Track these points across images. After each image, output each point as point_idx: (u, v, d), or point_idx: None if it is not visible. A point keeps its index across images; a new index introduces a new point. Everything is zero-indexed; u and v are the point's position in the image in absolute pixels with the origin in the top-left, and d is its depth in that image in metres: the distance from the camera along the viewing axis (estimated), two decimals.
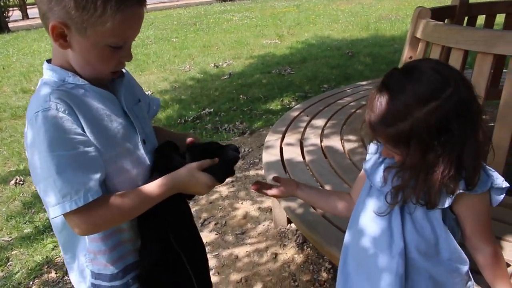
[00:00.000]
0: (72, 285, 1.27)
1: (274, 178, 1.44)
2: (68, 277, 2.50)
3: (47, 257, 2.70)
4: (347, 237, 1.24)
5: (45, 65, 1.10)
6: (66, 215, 1.01)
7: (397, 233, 1.07)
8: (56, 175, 0.97)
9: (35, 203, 3.36)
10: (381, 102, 1.00)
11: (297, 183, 1.40)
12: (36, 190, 3.52)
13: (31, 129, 0.99)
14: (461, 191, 0.99)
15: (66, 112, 1.00)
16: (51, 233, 2.95)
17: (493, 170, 1.05)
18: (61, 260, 2.66)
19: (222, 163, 1.20)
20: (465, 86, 0.98)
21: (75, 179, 0.98)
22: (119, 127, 1.11)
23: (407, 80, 0.99)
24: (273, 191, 1.37)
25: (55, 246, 2.81)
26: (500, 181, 1.03)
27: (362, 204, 1.18)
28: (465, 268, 1.10)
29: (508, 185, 1.03)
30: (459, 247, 1.08)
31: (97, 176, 1.02)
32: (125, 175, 1.12)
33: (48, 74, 1.08)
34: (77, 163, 0.99)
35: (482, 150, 1.01)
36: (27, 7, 19.85)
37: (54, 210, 0.99)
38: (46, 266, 2.63)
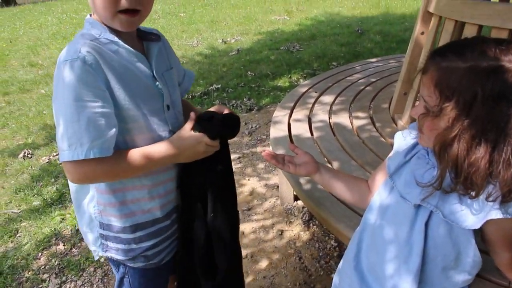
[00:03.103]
0: (81, 254, 1.29)
1: (292, 147, 1.31)
2: (75, 249, 2.53)
3: (55, 229, 2.73)
4: (361, 231, 1.16)
5: (87, 17, 1.14)
6: (63, 161, 1.06)
7: (416, 249, 0.99)
8: (70, 123, 1.02)
9: (43, 176, 3.38)
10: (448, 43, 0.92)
11: (317, 165, 1.26)
12: (44, 164, 3.55)
13: (57, 74, 1.04)
14: (499, 215, 0.87)
15: (93, 65, 1.03)
16: (59, 206, 2.97)
17: None
18: (69, 233, 2.69)
19: (214, 120, 1.21)
20: None
21: (84, 132, 1.02)
22: (144, 88, 1.14)
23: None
24: (289, 168, 1.25)
25: (62, 219, 2.83)
26: None
27: (381, 206, 1.09)
28: (479, 269, 1.03)
29: None
30: (479, 254, 0.99)
31: (109, 133, 1.05)
32: (146, 135, 1.16)
33: (87, 27, 1.12)
34: (91, 116, 1.02)
35: None
36: None
37: (60, 155, 1.06)
38: (54, 238, 2.66)
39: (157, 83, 1.17)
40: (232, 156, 3.42)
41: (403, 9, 8.78)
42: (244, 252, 2.40)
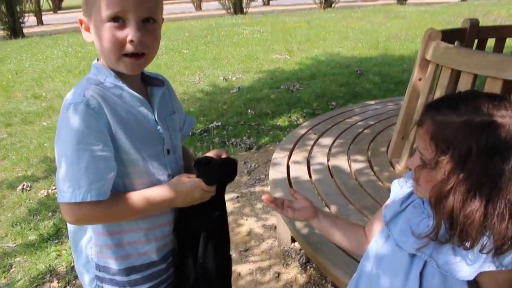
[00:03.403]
0: None
1: (291, 192, 1.34)
2: (70, 287, 2.50)
3: (50, 265, 2.71)
4: (358, 279, 1.16)
5: (94, 62, 1.18)
6: (61, 202, 1.08)
7: None
8: (70, 165, 1.05)
9: (40, 210, 3.38)
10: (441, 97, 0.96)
11: (315, 211, 1.28)
12: (42, 197, 3.55)
13: (62, 117, 1.07)
14: (492, 267, 0.88)
15: (96, 109, 1.06)
16: (55, 241, 2.96)
17: None
18: (64, 270, 2.67)
19: (212, 166, 1.22)
20: None
21: (83, 174, 1.05)
22: (145, 132, 1.18)
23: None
24: (288, 213, 1.26)
25: (58, 255, 2.81)
26: None
27: (377, 254, 1.09)
28: None
29: None
30: None
31: (107, 177, 1.08)
32: (145, 179, 1.18)
33: (93, 71, 1.16)
34: (91, 159, 1.05)
35: None
36: (42, 13, 20.14)
37: (58, 195, 1.08)
38: (49, 275, 2.63)
39: (159, 127, 1.20)
40: (231, 196, 3.43)
41: (401, 51, 8.95)
42: None
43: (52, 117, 5.72)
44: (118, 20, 1.05)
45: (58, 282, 2.56)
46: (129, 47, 1.07)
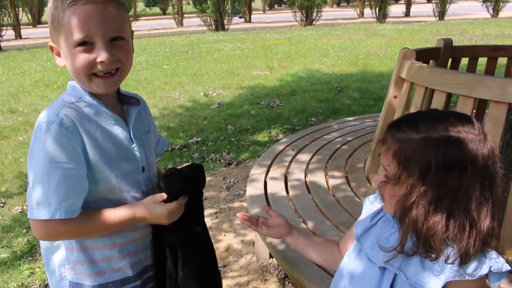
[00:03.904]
0: None
1: (266, 209, 1.36)
2: None
3: (22, 284, 2.64)
4: None
5: (70, 82, 1.19)
6: (30, 218, 1.10)
7: None
8: (40, 183, 1.06)
9: (14, 227, 3.30)
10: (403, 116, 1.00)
11: (290, 228, 1.30)
12: (16, 213, 3.47)
13: (34, 135, 1.09)
14: (457, 277, 0.91)
15: (69, 128, 1.07)
16: (29, 258, 2.89)
17: (493, 253, 0.95)
18: None
19: (171, 175, 1.23)
20: (491, 144, 0.93)
21: (53, 192, 1.06)
22: (119, 150, 1.18)
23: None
24: (262, 230, 1.28)
25: (31, 273, 2.74)
26: (500, 264, 0.93)
27: (349, 269, 1.11)
28: None
29: (509, 268, 0.94)
30: None
31: (78, 197, 1.10)
32: (118, 196, 1.19)
33: (69, 90, 1.17)
34: (61, 178, 1.06)
35: (497, 214, 0.92)
36: (21, 27, 19.95)
37: (28, 211, 1.10)
38: None
39: (134, 145, 1.21)
40: (209, 211, 3.41)
41: (380, 68, 9.12)
42: None
43: (29, 132, 5.63)
44: (86, 44, 1.08)
45: None
46: (99, 67, 1.10)
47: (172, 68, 9.98)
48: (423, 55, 3.01)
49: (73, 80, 1.19)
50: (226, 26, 19.89)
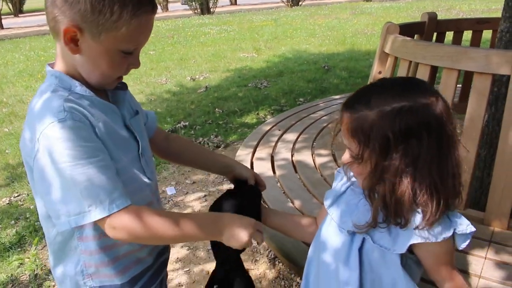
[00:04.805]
0: None
1: None
2: None
3: (12, 275, 2.62)
4: (308, 264, 1.23)
5: (50, 71, 1.07)
6: (97, 221, 0.98)
7: (354, 274, 1.04)
8: (78, 185, 0.95)
9: (2, 218, 3.26)
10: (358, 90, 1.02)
11: (266, 214, 1.32)
12: (4, 205, 3.43)
13: (44, 141, 0.95)
14: (419, 239, 0.95)
15: (82, 120, 0.98)
16: (18, 249, 2.86)
17: (458, 215, 0.98)
18: (27, 278, 2.59)
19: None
20: (444, 103, 0.94)
21: (99, 189, 0.96)
22: (122, 139, 1.11)
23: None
24: None
25: (21, 263, 2.72)
26: (465, 226, 0.96)
27: (322, 238, 1.15)
28: None
29: (474, 229, 0.96)
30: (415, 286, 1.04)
31: (120, 184, 1.01)
32: (134, 185, 1.12)
33: (53, 81, 1.04)
34: (100, 171, 0.97)
35: (458, 172, 0.95)
36: (2, 16, 19.56)
37: (74, 219, 0.96)
38: (11, 285, 2.55)
39: (130, 131, 1.14)
40: (198, 194, 3.40)
41: (367, 46, 9.08)
42: None
43: (14, 123, 5.54)
44: (130, 52, 1.04)
45: None
46: (126, 72, 1.08)
47: (158, 53, 9.87)
48: (407, 29, 2.99)
49: (50, 66, 1.09)
50: (211, 9, 19.65)
